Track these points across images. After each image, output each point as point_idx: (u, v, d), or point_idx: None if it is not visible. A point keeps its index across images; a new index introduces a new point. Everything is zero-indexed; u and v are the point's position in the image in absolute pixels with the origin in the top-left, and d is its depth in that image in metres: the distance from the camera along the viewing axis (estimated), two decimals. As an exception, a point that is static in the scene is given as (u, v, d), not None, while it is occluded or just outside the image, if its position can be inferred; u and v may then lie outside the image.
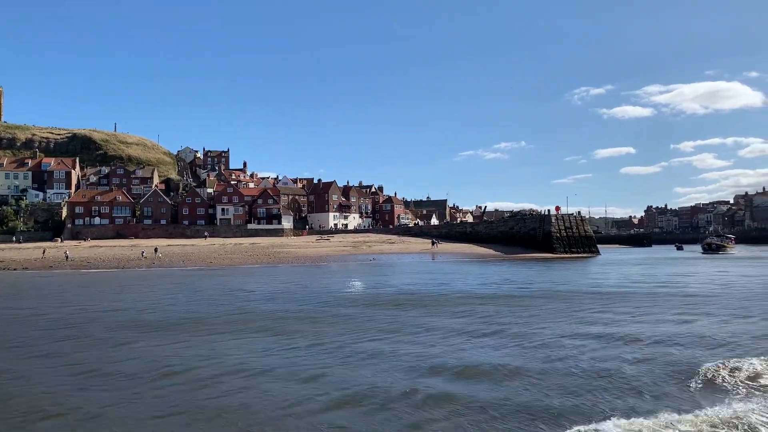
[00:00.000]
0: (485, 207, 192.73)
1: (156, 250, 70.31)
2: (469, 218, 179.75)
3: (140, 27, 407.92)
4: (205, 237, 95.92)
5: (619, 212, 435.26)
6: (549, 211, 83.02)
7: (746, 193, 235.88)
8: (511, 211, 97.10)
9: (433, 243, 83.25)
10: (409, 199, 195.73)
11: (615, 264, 60.59)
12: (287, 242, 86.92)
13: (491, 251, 78.65)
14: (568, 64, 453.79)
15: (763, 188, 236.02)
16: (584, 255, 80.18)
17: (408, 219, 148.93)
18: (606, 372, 12.15)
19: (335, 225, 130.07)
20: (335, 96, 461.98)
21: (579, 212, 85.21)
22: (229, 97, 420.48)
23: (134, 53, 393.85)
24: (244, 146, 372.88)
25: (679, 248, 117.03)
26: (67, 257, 63.27)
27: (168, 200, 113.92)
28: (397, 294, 28.63)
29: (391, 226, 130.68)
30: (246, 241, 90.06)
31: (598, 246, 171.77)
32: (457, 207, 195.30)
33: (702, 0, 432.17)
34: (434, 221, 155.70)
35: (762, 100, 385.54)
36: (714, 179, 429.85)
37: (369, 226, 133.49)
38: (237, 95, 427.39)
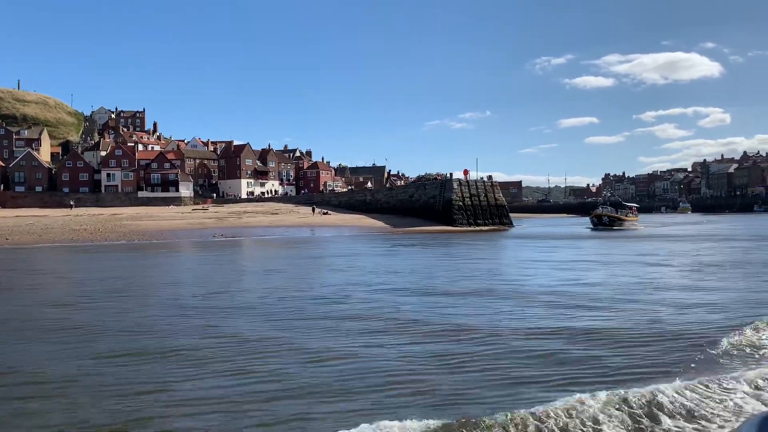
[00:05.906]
0: (389, 172, 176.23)
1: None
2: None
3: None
4: (71, 207, 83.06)
5: (584, 181, 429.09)
6: (451, 175, 71.23)
7: (704, 160, 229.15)
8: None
9: (313, 211, 71.64)
10: (350, 166, 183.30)
11: (488, 247, 50.10)
12: (154, 213, 74.69)
13: (380, 224, 67.42)
14: (527, 32, 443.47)
15: (722, 156, 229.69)
16: (491, 228, 69.67)
17: (338, 186, 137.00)
18: None
19: (251, 193, 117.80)
20: (294, 64, 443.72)
21: (489, 176, 74.03)
22: (155, 54, 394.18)
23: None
24: (179, 109, 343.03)
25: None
26: None
27: (44, 164, 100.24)
28: None
29: (315, 193, 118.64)
30: (110, 211, 77.42)
31: (547, 215, 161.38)
32: (401, 174, 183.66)
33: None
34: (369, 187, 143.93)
35: (719, 71, 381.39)
36: (677, 149, 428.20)
37: (291, 194, 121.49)
38: (165, 53, 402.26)
